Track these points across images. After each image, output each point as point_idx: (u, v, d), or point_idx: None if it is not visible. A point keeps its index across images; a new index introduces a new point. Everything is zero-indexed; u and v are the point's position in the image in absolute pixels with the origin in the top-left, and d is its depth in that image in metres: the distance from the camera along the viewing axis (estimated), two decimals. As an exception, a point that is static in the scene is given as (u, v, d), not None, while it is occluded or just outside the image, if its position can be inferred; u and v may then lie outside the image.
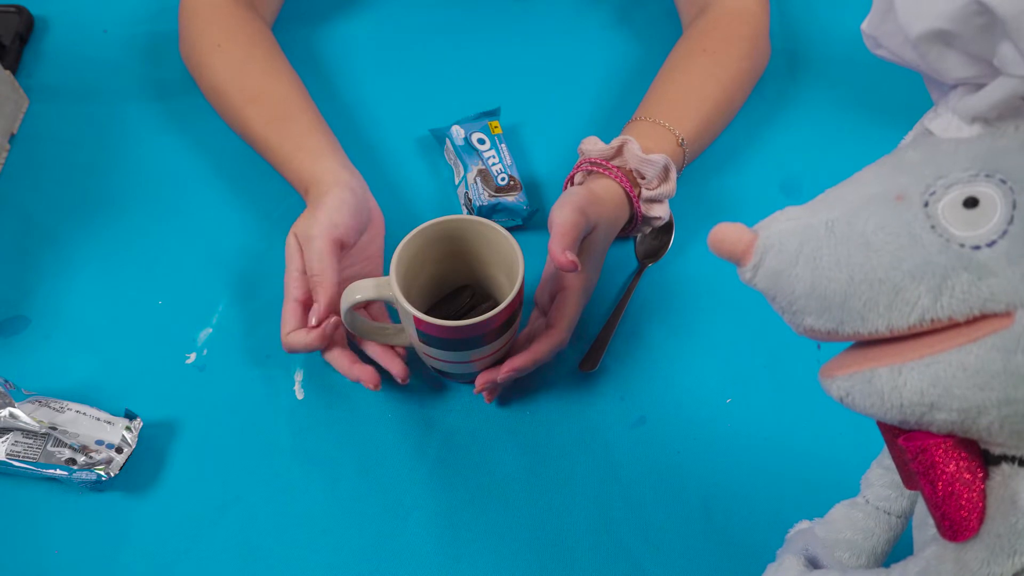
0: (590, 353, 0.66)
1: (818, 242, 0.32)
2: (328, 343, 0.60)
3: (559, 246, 0.55)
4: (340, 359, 0.61)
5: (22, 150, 0.78)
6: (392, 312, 0.67)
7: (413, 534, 0.59)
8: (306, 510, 0.60)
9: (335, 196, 0.62)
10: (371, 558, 0.58)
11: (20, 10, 0.85)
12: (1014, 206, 0.29)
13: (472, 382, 0.62)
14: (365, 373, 0.60)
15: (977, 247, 0.29)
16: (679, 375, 0.66)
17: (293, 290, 0.61)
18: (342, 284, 0.59)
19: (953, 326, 0.30)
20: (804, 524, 0.53)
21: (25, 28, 0.85)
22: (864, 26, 0.35)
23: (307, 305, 0.61)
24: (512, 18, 0.88)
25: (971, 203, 0.30)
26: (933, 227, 0.30)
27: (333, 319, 0.59)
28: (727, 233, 0.34)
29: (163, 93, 0.82)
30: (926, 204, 0.30)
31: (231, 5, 0.75)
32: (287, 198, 0.73)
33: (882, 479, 0.47)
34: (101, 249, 0.72)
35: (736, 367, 0.66)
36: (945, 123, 0.33)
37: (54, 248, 0.72)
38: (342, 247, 0.61)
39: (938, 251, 0.30)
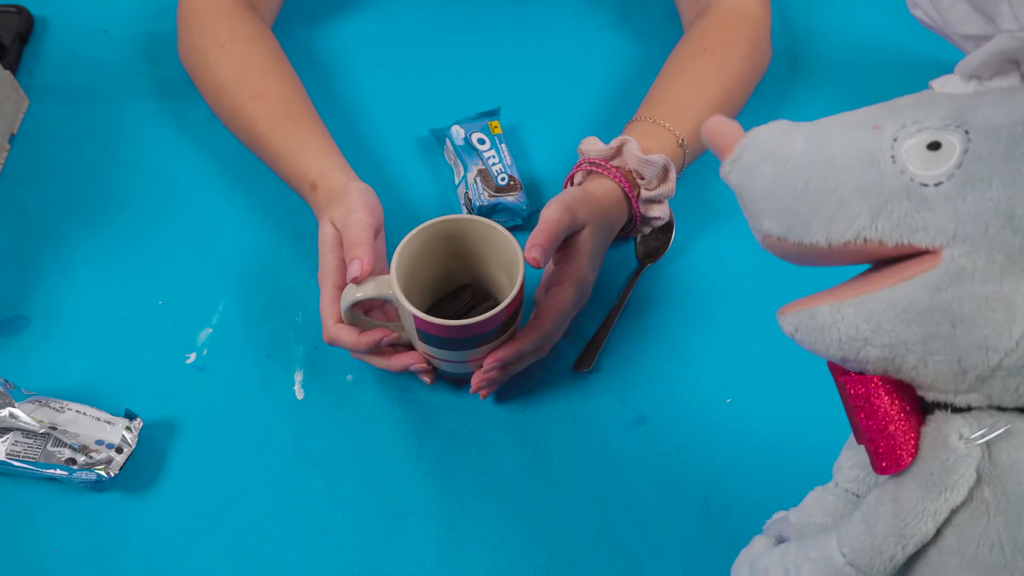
0: (585, 353, 0.66)
1: (791, 148, 0.34)
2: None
3: (533, 239, 0.56)
4: (376, 359, 0.61)
5: (22, 150, 0.78)
6: None
7: (413, 534, 0.59)
8: (306, 510, 0.60)
9: (360, 186, 0.63)
10: (371, 558, 0.58)
11: (20, 10, 0.85)
12: (965, 152, 0.31)
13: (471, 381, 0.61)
14: (409, 357, 0.60)
15: (925, 184, 0.31)
16: (679, 375, 0.66)
17: (335, 279, 0.60)
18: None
19: (885, 264, 0.33)
20: (780, 514, 0.54)
21: (25, 28, 0.85)
22: None
23: None
24: (512, 18, 0.88)
25: (934, 146, 0.31)
26: (893, 158, 0.32)
27: (392, 336, 0.59)
28: (719, 125, 0.36)
29: (163, 93, 0.82)
30: (895, 139, 0.32)
31: (232, 5, 0.75)
32: (287, 198, 0.73)
33: (849, 460, 0.48)
34: (101, 249, 0.72)
35: (736, 367, 0.66)
36: (945, 81, 0.35)
37: (54, 248, 0.72)
38: (376, 232, 0.61)
39: (889, 177, 0.32)
